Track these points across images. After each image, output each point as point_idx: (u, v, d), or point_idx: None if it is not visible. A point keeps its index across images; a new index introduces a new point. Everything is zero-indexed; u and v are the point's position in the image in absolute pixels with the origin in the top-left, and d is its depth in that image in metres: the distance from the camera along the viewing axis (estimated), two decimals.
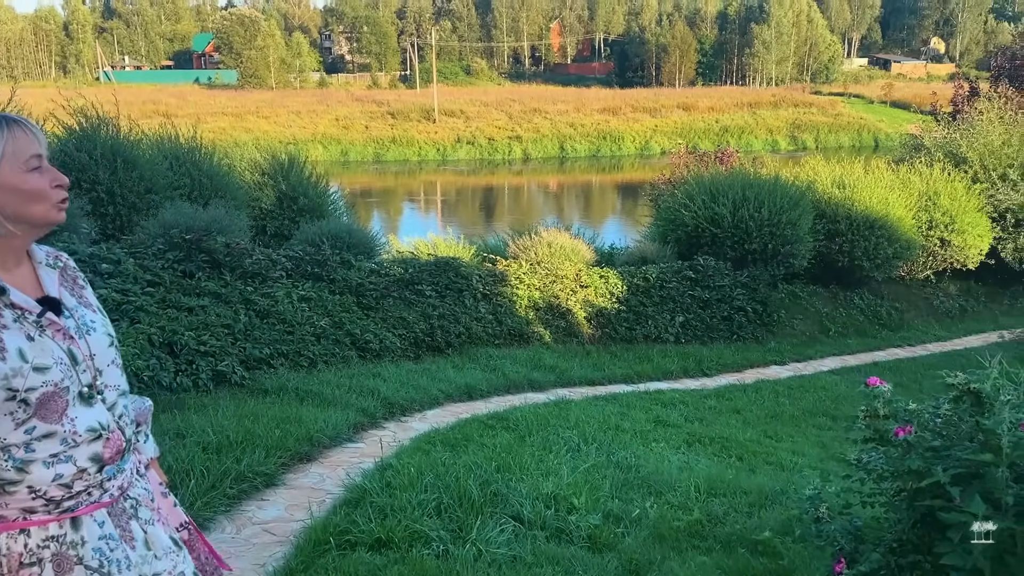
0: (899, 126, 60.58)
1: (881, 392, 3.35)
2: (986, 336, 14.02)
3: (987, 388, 2.86)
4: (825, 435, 8.55)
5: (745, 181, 13.72)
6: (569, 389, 9.34)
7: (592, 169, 53.69)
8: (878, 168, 15.55)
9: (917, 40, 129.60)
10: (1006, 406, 2.75)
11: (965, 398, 2.92)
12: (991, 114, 16.16)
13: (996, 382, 2.95)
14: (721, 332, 12.50)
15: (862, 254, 14.04)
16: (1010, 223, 15.09)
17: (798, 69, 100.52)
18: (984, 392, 2.87)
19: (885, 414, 3.34)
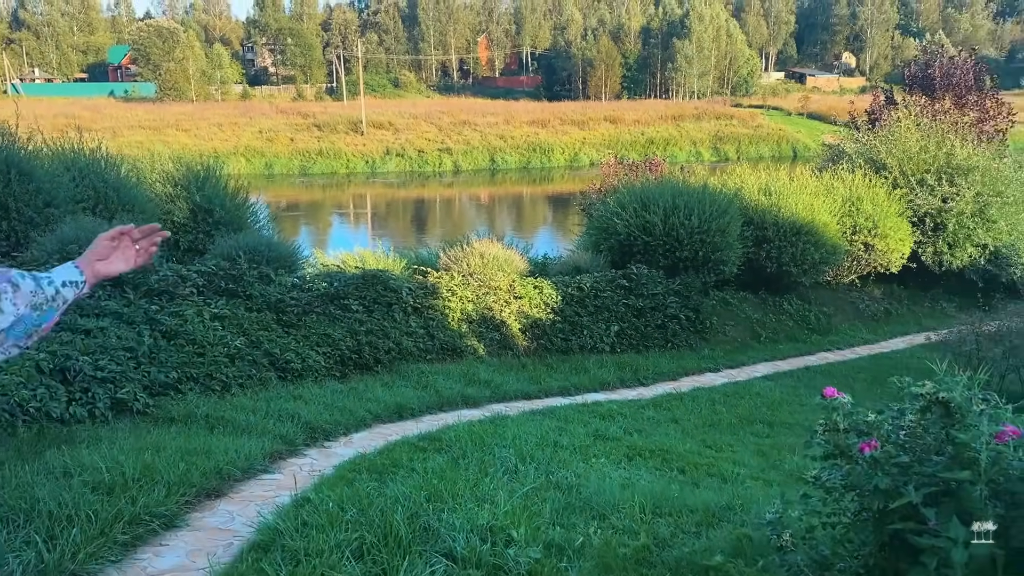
0: (816, 137, 62.79)
1: (840, 404, 3.10)
2: (911, 338, 14.33)
3: (957, 397, 2.64)
4: (764, 443, 8.43)
5: (675, 189, 13.70)
6: (505, 404, 8.99)
7: (523, 180, 53.74)
8: (802, 175, 15.80)
9: (830, 55, 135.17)
10: (983, 417, 2.53)
11: (933, 408, 2.69)
12: (908, 121, 16.65)
13: (966, 391, 2.74)
14: (656, 340, 12.37)
15: (790, 260, 14.18)
16: (929, 227, 15.52)
17: (719, 83, 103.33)
18: (954, 401, 2.64)
19: (845, 427, 3.10)
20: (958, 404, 2.62)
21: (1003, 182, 15.33)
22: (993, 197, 15.12)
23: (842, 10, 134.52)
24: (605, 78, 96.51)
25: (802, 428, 9.38)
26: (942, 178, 15.55)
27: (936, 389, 2.71)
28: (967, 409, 2.62)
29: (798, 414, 9.89)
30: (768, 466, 7.41)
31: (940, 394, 2.69)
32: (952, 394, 2.67)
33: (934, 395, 2.70)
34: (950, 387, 2.72)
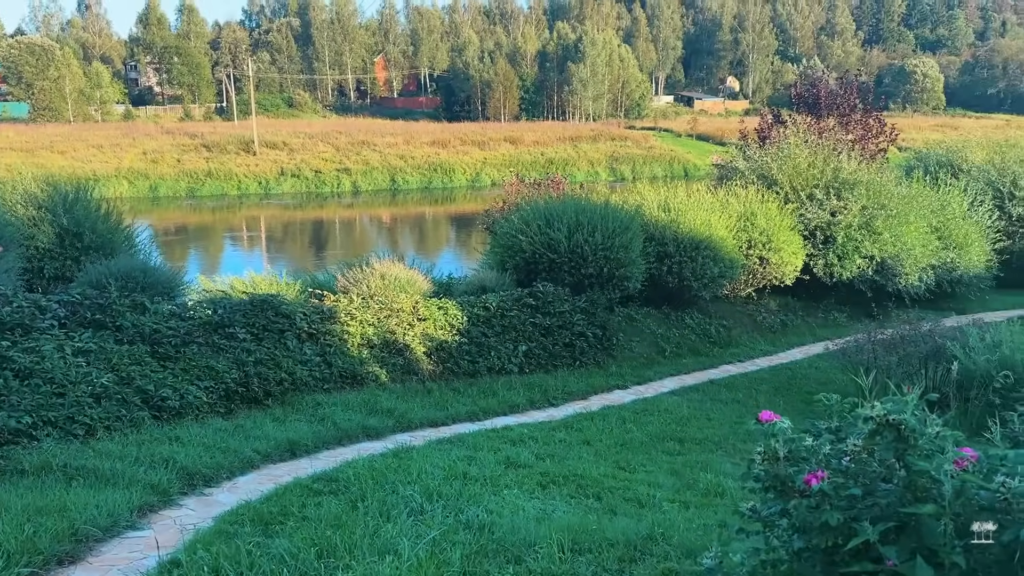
0: (705, 157, 65.34)
1: (780, 429, 2.82)
2: (807, 348, 14.69)
3: (910, 419, 2.38)
4: (676, 461, 8.26)
5: (578, 206, 13.58)
6: (410, 434, 8.48)
7: (425, 201, 53.18)
8: (699, 192, 16.05)
9: (715, 79, 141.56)
10: (943, 440, 2.28)
11: (885, 432, 2.43)
12: (796, 139, 17.25)
13: (917, 411, 2.50)
14: (564, 359, 12.13)
15: (690, 275, 14.30)
16: (820, 240, 16.04)
17: (613, 105, 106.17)
18: (907, 424, 2.38)
19: (786, 455, 2.82)
20: (911, 427, 2.37)
21: (886, 196, 16.06)
22: (878, 210, 15.80)
23: (725, 36, 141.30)
24: (504, 100, 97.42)
25: (712, 444, 9.30)
26: (830, 192, 16.15)
27: (886, 411, 2.46)
28: (921, 432, 2.37)
29: (707, 429, 9.83)
30: (683, 485, 7.22)
31: (891, 416, 2.43)
32: (903, 416, 2.42)
33: (884, 417, 2.45)
34: (900, 408, 2.47)
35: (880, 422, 2.43)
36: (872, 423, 2.46)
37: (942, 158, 21.51)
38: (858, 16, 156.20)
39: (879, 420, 2.43)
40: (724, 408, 11.13)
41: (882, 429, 2.43)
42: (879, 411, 2.44)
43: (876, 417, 2.43)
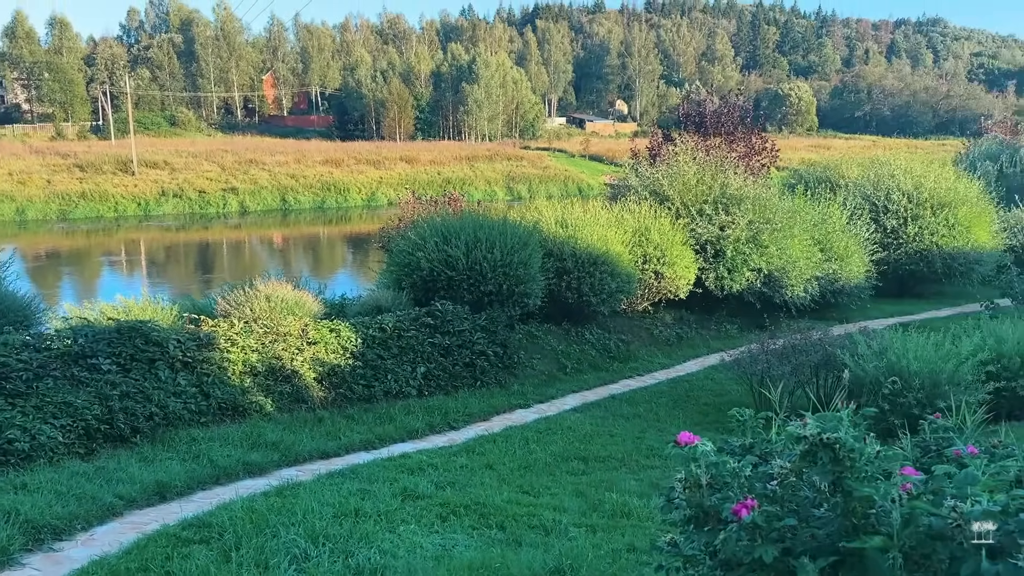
0: (597, 176, 66.89)
1: (702, 453, 2.54)
2: (702, 360, 14.88)
3: (847, 438, 2.14)
4: (581, 481, 8.02)
5: (476, 223, 13.29)
6: (298, 468, 7.86)
7: (318, 221, 51.71)
8: (595, 208, 16.09)
9: (605, 102, 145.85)
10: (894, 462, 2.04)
11: (820, 453, 2.18)
12: (685, 156, 17.63)
13: (853, 429, 2.26)
14: (465, 380, 11.74)
15: (589, 290, 14.25)
16: (710, 254, 16.37)
17: (508, 126, 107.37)
18: (844, 444, 2.13)
19: (709, 482, 2.54)
20: (849, 447, 2.13)
21: (771, 210, 16.59)
22: (764, 224, 16.29)
23: (613, 61, 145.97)
24: (399, 119, 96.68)
25: (615, 461, 9.12)
26: (719, 208, 16.54)
27: (820, 429, 2.21)
28: (860, 452, 2.13)
29: (610, 446, 9.66)
30: (589, 507, 6.97)
31: (826, 435, 2.19)
32: (839, 434, 2.17)
33: (819, 436, 2.20)
34: (835, 426, 2.23)
35: (814, 442, 2.18)
36: (805, 443, 2.21)
37: (821, 174, 22.58)
38: (736, 43, 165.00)
39: (813, 440, 2.18)
40: (626, 423, 11.03)
41: (816, 450, 2.17)
42: (812, 429, 2.19)
43: (809, 436, 2.17)
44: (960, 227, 20.01)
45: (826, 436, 2.17)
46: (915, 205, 20.22)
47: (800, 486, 2.32)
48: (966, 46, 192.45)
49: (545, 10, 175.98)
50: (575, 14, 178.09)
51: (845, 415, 2.26)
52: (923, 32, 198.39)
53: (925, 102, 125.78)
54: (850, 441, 2.12)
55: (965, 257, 19.98)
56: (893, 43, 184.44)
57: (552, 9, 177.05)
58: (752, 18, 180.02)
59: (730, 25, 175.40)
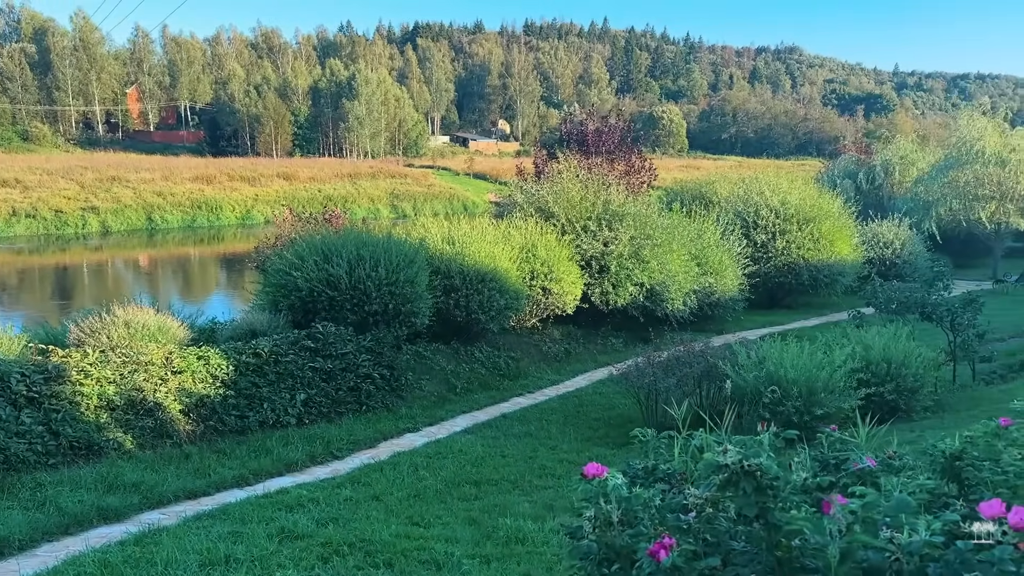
0: (482, 194, 67.21)
1: (614, 487, 2.30)
2: (591, 375, 14.93)
3: (770, 465, 1.95)
4: (473, 507, 7.71)
5: (359, 240, 12.79)
6: (162, 511, 7.14)
7: (189, 240, 49.02)
8: (481, 224, 15.93)
9: (488, 121, 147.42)
10: (831, 491, 1.86)
11: (743, 483, 1.98)
12: (569, 173, 17.81)
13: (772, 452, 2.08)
14: (349, 405, 11.20)
15: (478, 307, 14.03)
16: (595, 269, 16.55)
17: (391, 144, 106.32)
18: (767, 471, 1.95)
19: (620, 519, 2.31)
20: (773, 475, 1.94)
21: (652, 227, 16.99)
22: (645, 240, 16.65)
23: (494, 81, 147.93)
24: (275, 135, 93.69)
25: (508, 483, 8.87)
26: (602, 224, 16.77)
27: (742, 456, 2.02)
28: (785, 481, 1.94)
29: (502, 468, 9.40)
30: (482, 536, 6.67)
31: (748, 462, 1.99)
32: (762, 461, 1.99)
33: (740, 464, 2.00)
34: (756, 451, 2.04)
35: (736, 470, 1.98)
36: (725, 472, 2.01)
37: (695, 192, 23.44)
38: (611, 67, 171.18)
39: (734, 468, 1.98)
40: (518, 443, 10.81)
41: (738, 478, 1.98)
42: (733, 457, 1.99)
43: (731, 465, 1.98)
44: (824, 241, 21.24)
45: (748, 463, 1.98)
46: (782, 220, 21.31)
47: (718, 517, 2.12)
48: (820, 73, 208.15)
49: (425, 29, 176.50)
50: (455, 34, 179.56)
51: (766, 438, 2.08)
52: (781, 59, 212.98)
53: (785, 125, 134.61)
54: (774, 468, 1.94)
55: (829, 269, 21.22)
56: (755, 69, 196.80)
57: (432, 28, 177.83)
58: (625, 43, 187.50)
59: (605, 50, 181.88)
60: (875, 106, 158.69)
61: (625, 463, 3.78)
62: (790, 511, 1.90)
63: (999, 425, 3.18)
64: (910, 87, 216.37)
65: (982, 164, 27.52)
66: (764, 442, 2.06)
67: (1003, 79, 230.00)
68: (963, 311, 12.89)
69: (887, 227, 24.74)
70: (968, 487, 2.82)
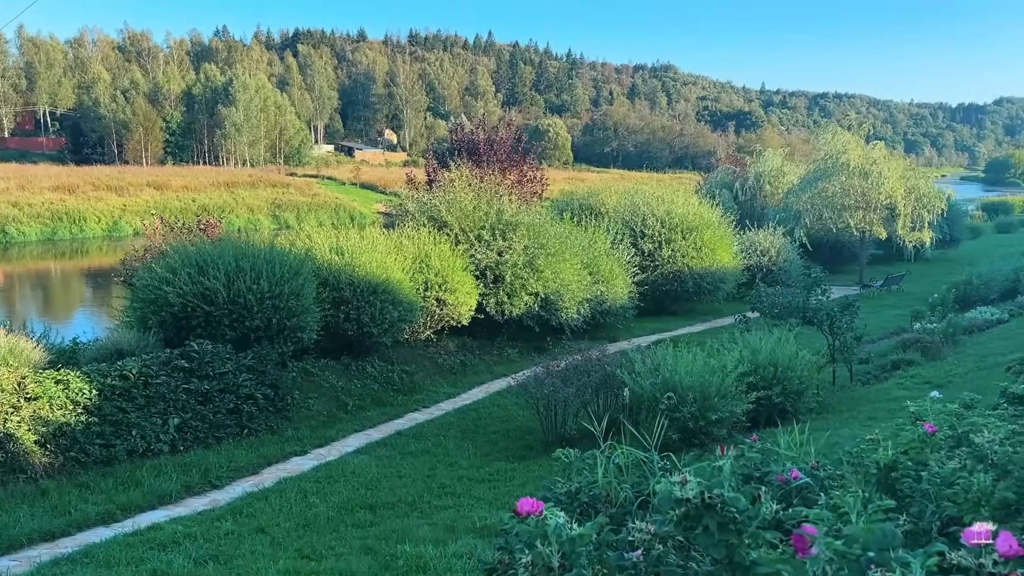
0: (370, 204, 65.91)
1: (556, 529, 1.98)
2: (487, 386, 14.65)
3: (736, 498, 1.70)
4: (369, 534, 7.24)
5: (239, 250, 11.99)
6: (12, 556, 6.30)
7: (49, 254, 45.33)
8: (372, 234, 15.39)
9: (374, 131, 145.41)
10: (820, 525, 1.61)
11: (706, 518, 1.72)
12: (461, 182, 17.54)
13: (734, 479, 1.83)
14: (230, 429, 10.41)
15: (369, 320, 13.48)
16: (490, 279, 16.32)
17: (272, 152, 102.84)
18: (733, 505, 1.69)
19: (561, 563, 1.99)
20: (740, 508, 1.69)
21: (545, 236, 16.96)
22: (539, 249, 16.58)
23: (380, 90, 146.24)
24: (145, 142, 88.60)
25: (406, 505, 8.43)
26: (496, 233, 16.59)
27: (703, 488, 1.75)
28: (753, 515, 1.69)
29: (399, 489, 8.95)
30: (380, 567, 6.23)
31: (710, 494, 1.73)
32: (725, 492, 1.73)
33: (702, 496, 1.74)
34: (718, 481, 1.78)
35: (696, 504, 1.71)
36: (684, 507, 1.74)
37: (583, 202, 23.69)
38: (496, 80, 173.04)
39: (695, 502, 1.71)
40: (415, 461, 10.38)
41: (700, 514, 1.71)
42: (694, 489, 1.72)
43: (692, 499, 1.71)
44: (707, 249, 21.94)
45: (710, 496, 1.71)
46: (668, 230, 21.85)
47: (668, 555, 1.85)
48: (693, 90, 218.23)
49: (306, 35, 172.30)
50: (338, 42, 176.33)
51: (727, 464, 1.83)
52: (658, 76, 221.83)
53: (663, 139, 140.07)
54: (741, 501, 1.68)
55: (712, 276, 21.93)
56: (634, 86, 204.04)
57: (314, 35, 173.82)
58: (510, 57, 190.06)
59: (490, 63, 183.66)
60: (745, 122, 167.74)
61: (545, 487, 3.51)
62: (759, 547, 1.65)
63: (926, 432, 3.13)
64: (776, 105, 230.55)
65: (847, 176, 29.35)
66: (726, 469, 1.81)
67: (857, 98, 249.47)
68: (841, 315, 13.50)
69: (763, 236, 25.89)
70: (903, 499, 2.72)
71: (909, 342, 16.00)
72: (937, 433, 3.16)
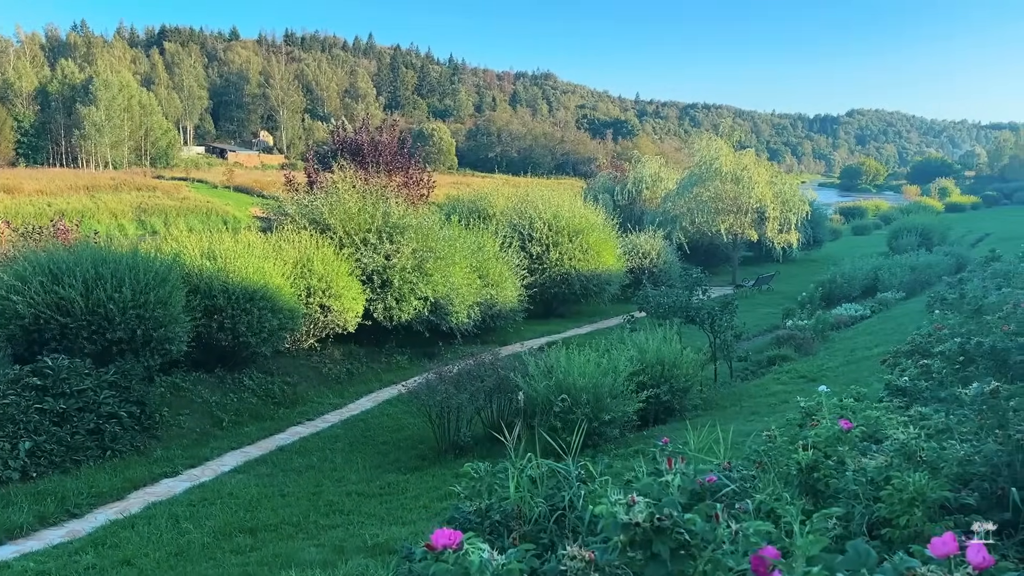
0: (245, 209, 63.13)
1: (483, 565, 1.70)
2: (376, 395, 14.13)
3: (692, 519, 1.48)
4: (250, 561, 6.69)
5: (97, 257, 10.99)
6: None
7: None
8: (248, 237, 14.55)
9: (248, 132, 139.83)
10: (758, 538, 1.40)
11: (656, 543, 1.49)
12: (344, 184, 16.90)
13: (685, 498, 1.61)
14: (90, 451, 9.47)
15: (247, 329, 12.70)
16: (378, 284, 15.78)
17: (137, 154, 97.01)
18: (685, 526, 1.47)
19: None
20: (698, 531, 1.47)
21: (434, 239, 16.58)
22: (428, 253, 16.18)
23: (254, 91, 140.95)
24: None
25: (290, 527, 7.89)
26: (383, 237, 16.06)
27: (652, 511, 1.52)
28: (710, 539, 1.48)
29: (282, 509, 8.38)
30: None
31: (660, 515, 1.50)
32: (674, 512, 1.51)
33: (652, 520, 1.51)
34: (671, 501, 1.56)
35: (646, 528, 1.48)
36: (632, 532, 1.50)
37: (471, 206, 23.50)
38: (378, 83, 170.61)
39: (644, 526, 1.48)
40: (299, 478, 9.78)
41: (650, 539, 1.48)
42: (642, 511, 1.49)
43: (642, 524, 1.47)
44: (592, 252, 22.24)
45: (660, 517, 1.49)
46: (555, 233, 22.00)
47: None
48: (572, 98, 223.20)
49: (174, 32, 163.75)
50: (209, 40, 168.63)
51: (674, 479, 1.61)
52: (538, 84, 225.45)
53: (545, 146, 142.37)
54: (698, 523, 1.46)
55: (598, 278, 22.24)
56: (515, 93, 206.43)
57: (182, 32, 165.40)
58: (391, 60, 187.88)
59: (371, 65, 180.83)
60: (622, 130, 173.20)
61: (453, 507, 3.22)
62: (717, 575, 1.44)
63: (842, 429, 3.06)
64: (649, 114, 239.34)
65: (721, 181, 30.63)
66: (674, 484, 1.59)
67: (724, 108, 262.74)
68: (721, 313, 13.92)
69: (644, 238, 26.58)
70: (824, 499, 2.62)
71: (783, 338, 16.75)
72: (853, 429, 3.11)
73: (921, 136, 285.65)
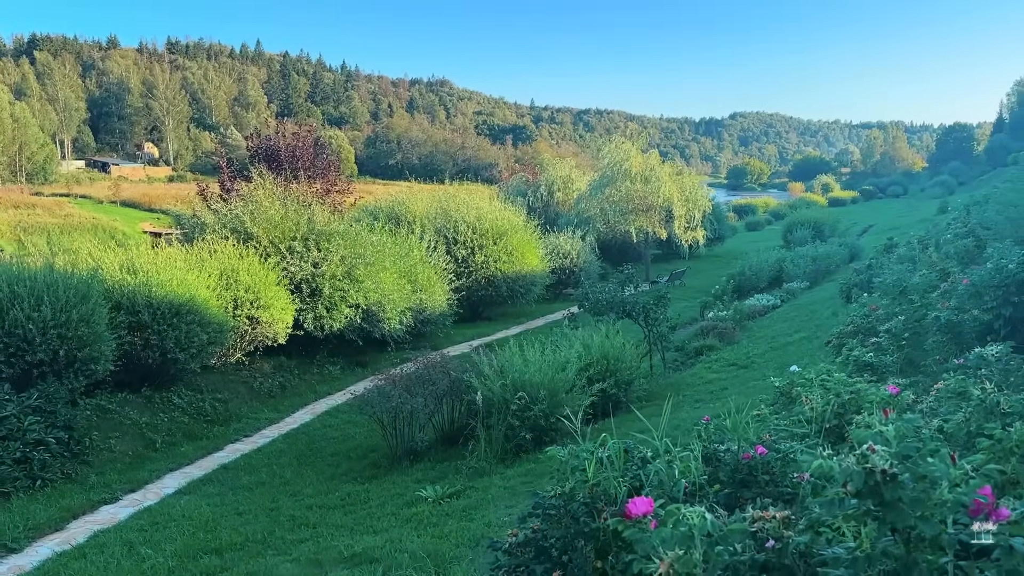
0: (135, 224, 59.93)
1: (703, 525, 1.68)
2: (313, 407, 13.69)
3: (932, 461, 1.51)
4: None
5: (11, 275, 10.19)
6: None
7: None
8: (168, 249, 13.84)
9: (131, 144, 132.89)
10: None
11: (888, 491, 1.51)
12: (264, 191, 16.33)
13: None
14: (19, 481, 8.76)
15: (175, 345, 12.06)
16: (307, 293, 15.31)
17: (11, 170, 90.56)
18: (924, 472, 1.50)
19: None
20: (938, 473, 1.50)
21: (362, 245, 16.22)
22: (357, 259, 15.82)
23: (136, 101, 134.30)
24: None
25: (257, 543, 7.53)
26: (310, 244, 15.61)
27: (892, 455, 1.54)
28: (947, 478, 1.51)
29: (243, 527, 8.00)
30: None
31: (902, 456, 1.53)
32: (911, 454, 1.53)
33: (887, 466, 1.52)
34: (905, 445, 1.58)
35: (889, 474, 1.50)
36: (863, 480, 1.52)
37: (389, 212, 23.19)
38: (268, 91, 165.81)
39: (889, 472, 1.50)
40: (251, 495, 9.36)
41: (877, 488, 1.50)
42: (885, 458, 1.51)
43: (886, 470, 1.49)
44: (517, 253, 22.37)
45: (905, 457, 1.51)
46: (479, 235, 21.99)
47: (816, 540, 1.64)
48: (469, 105, 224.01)
49: (45, 41, 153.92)
50: (85, 48, 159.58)
51: (888, 429, 1.64)
52: (434, 91, 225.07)
53: (446, 152, 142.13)
54: (939, 466, 1.50)
55: (523, 280, 22.38)
56: (412, 100, 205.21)
57: (54, 41, 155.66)
58: (281, 67, 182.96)
59: (261, 73, 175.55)
60: (520, 136, 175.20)
61: (533, 495, 3.15)
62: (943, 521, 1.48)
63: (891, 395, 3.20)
64: (545, 120, 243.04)
65: (631, 181, 31.48)
66: (889, 434, 1.61)
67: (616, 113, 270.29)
68: (655, 307, 14.28)
69: (564, 239, 26.96)
70: None
71: (706, 329, 17.36)
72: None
73: (799, 136, 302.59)
